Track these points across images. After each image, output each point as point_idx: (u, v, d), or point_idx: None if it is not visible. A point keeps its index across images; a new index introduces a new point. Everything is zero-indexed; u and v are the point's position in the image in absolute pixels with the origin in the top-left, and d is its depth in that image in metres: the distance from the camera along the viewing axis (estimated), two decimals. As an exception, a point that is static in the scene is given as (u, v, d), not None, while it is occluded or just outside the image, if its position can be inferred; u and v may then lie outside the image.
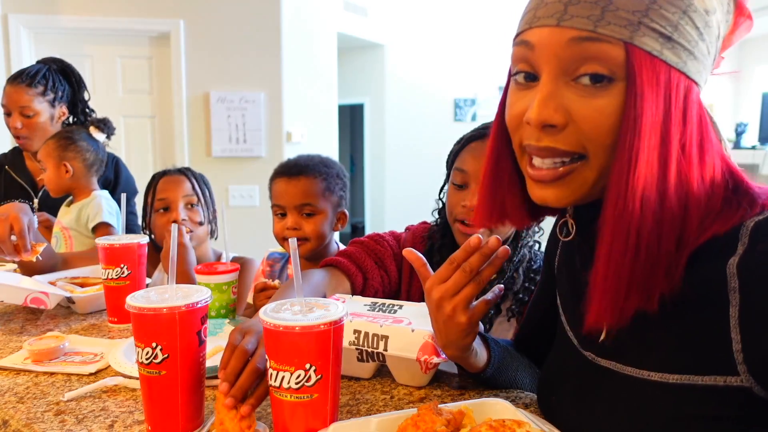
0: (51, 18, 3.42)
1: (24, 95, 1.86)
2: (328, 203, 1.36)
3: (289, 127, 3.79)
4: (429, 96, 6.55)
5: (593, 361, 0.66)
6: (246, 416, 0.70)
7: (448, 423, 0.64)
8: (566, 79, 0.56)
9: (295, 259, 0.72)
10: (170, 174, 1.57)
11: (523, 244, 1.16)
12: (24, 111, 1.87)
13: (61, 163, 1.78)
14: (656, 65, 0.54)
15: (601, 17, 0.53)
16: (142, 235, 1.26)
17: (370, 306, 1.00)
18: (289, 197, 1.33)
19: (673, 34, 0.54)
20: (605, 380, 0.64)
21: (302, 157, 1.39)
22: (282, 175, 1.36)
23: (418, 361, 0.86)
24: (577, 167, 0.59)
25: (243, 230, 3.49)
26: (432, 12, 6.38)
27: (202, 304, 0.73)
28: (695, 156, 0.56)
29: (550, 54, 0.56)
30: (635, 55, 0.53)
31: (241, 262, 1.46)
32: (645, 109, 0.53)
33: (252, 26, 3.62)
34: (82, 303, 1.31)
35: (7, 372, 0.97)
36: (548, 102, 0.56)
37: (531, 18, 0.58)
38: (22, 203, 1.40)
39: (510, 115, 0.63)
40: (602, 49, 0.54)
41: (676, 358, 0.57)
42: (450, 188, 1.16)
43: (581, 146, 0.57)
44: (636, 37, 0.53)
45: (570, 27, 0.55)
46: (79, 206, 1.80)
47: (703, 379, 0.55)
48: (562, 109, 0.56)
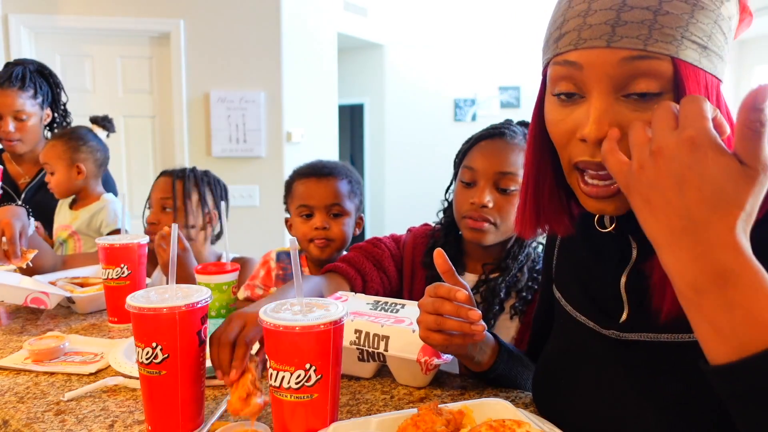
0: (51, 18, 3.42)
1: (17, 99, 1.85)
2: (353, 205, 1.36)
3: (289, 127, 3.79)
4: (429, 96, 6.55)
5: (618, 338, 0.68)
6: (236, 381, 0.72)
7: (448, 423, 0.64)
8: (617, 96, 0.59)
9: (295, 260, 0.72)
10: (165, 174, 1.59)
11: (528, 243, 1.16)
12: (18, 115, 1.86)
13: (74, 165, 1.77)
14: (698, 74, 0.57)
15: (649, 36, 0.56)
16: (142, 235, 1.26)
17: (373, 305, 1.01)
18: (320, 197, 1.32)
19: (708, 43, 0.58)
20: (635, 354, 0.66)
21: (325, 161, 1.39)
22: (310, 176, 1.34)
23: (419, 362, 0.86)
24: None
25: (243, 230, 3.49)
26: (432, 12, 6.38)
27: (202, 304, 0.73)
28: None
29: (602, 74, 0.59)
30: (681, 68, 0.57)
31: (241, 263, 1.46)
32: None
33: (252, 26, 3.62)
34: (82, 303, 1.31)
35: (7, 372, 0.97)
36: (603, 119, 0.59)
37: (575, 39, 0.60)
38: (19, 207, 1.39)
39: (557, 133, 0.65)
40: (652, 66, 0.57)
41: None
42: (458, 186, 1.16)
43: None
44: (680, 51, 0.57)
45: (621, 48, 0.57)
46: (90, 211, 1.79)
47: None
48: (617, 124, 0.58)
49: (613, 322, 0.69)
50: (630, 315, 0.68)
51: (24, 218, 1.36)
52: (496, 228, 1.11)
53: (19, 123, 1.87)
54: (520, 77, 6.42)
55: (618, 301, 0.69)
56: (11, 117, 1.86)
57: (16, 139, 1.88)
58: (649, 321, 0.65)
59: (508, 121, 1.21)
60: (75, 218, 1.80)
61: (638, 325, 0.67)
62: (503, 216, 1.10)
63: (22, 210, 1.39)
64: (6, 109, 1.85)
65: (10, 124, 1.85)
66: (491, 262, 1.16)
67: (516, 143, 1.13)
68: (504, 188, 1.10)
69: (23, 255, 1.32)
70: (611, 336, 0.69)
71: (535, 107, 0.69)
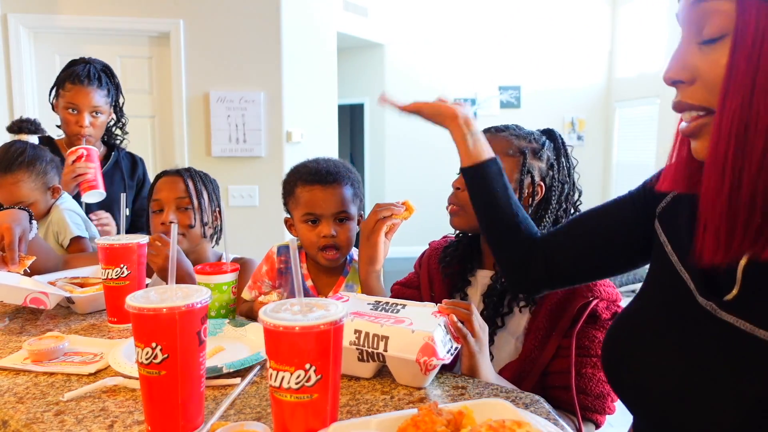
0: (51, 18, 3.42)
1: (96, 95, 1.94)
2: (356, 208, 1.36)
3: (289, 126, 3.79)
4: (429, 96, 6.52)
5: (714, 313, 0.66)
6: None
7: (448, 423, 0.64)
8: (696, 40, 0.62)
9: (295, 260, 0.72)
10: (168, 174, 1.55)
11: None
12: (95, 110, 1.94)
13: (47, 188, 1.73)
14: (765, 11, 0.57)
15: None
16: (142, 235, 1.25)
17: (373, 305, 1.00)
18: (327, 205, 1.31)
19: None
20: (729, 337, 0.64)
21: (327, 163, 1.36)
22: (315, 183, 1.32)
23: (418, 362, 0.86)
24: (708, 121, 0.62)
25: (243, 230, 3.49)
26: (432, 12, 6.38)
27: (202, 304, 0.73)
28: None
29: (685, 18, 0.64)
30: (743, 7, 0.58)
31: (241, 263, 1.46)
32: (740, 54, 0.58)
33: (252, 26, 3.62)
34: (81, 303, 1.31)
35: (6, 372, 0.97)
36: (676, 60, 0.63)
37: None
38: (20, 211, 1.38)
39: None
40: (716, 7, 0.59)
41: None
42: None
43: (707, 101, 0.62)
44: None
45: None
46: (44, 223, 1.73)
47: None
48: (689, 66, 0.62)
49: (715, 296, 0.66)
50: (738, 295, 0.64)
51: (25, 223, 1.35)
52: (465, 212, 1.16)
53: (93, 119, 1.94)
54: (520, 77, 6.43)
55: (731, 276, 0.65)
56: (88, 112, 1.92)
57: (89, 134, 1.94)
58: (754, 309, 0.62)
59: (515, 125, 1.24)
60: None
61: (740, 309, 0.63)
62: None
63: (23, 214, 1.38)
64: (85, 105, 1.91)
65: (86, 118, 1.92)
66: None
67: (501, 135, 1.19)
68: None
69: (21, 261, 1.30)
70: (707, 308, 0.67)
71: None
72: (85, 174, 1.79)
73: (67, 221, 1.73)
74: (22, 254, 1.32)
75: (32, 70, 3.48)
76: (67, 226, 1.73)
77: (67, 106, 1.92)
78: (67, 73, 1.94)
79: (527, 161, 1.16)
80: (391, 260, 1.52)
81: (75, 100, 1.91)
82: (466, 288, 1.23)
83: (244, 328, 1.13)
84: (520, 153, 1.16)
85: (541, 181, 1.18)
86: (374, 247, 1.19)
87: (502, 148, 1.16)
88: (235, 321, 1.18)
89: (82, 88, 1.91)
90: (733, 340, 0.63)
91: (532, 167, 1.17)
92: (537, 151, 1.18)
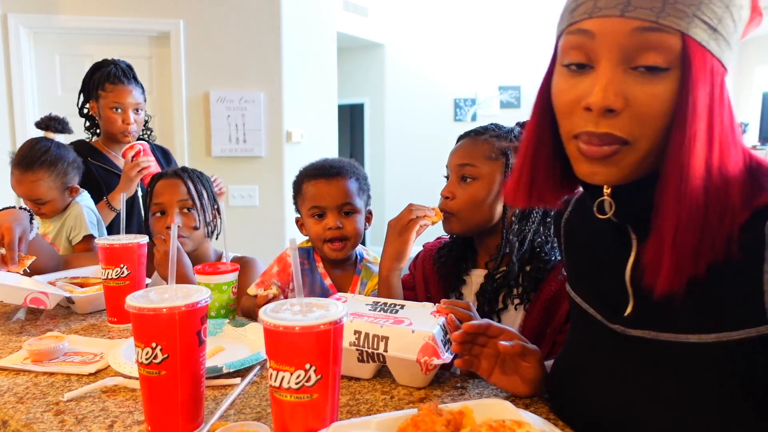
0: (51, 18, 3.42)
1: (136, 93, 2.02)
2: (362, 202, 1.38)
3: (289, 127, 3.78)
4: (429, 96, 6.55)
5: (622, 332, 0.70)
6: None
7: (448, 423, 0.64)
8: (625, 67, 0.60)
9: (295, 260, 0.72)
10: (167, 177, 1.54)
11: (510, 231, 1.16)
12: (137, 107, 2.02)
13: (66, 188, 1.77)
14: (705, 55, 0.58)
15: (662, 9, 0.58)
16: (142, 235, 1.25)
17: (372, 305, 1.00)
18: (331, 197, 1.33)
19: (718, 26, 0.59)
20: (639, 349, 0.68)
21: (332, 160, 1.40)
22: (319, 177, 1.35)
23: (418, 363, 0.86)
24: (623, 150, 0.62)
25: (243, 230, 3.49)
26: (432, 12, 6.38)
27: (202, 304, 0.73)
28: (729, 134, 0.61)
29: (613, 42, 0.60)
30: (690, 46, 0.58)
31: (242, 263, 1.45)
32: (698, 95, 0.58)
33: (252, 26, 3.62)
34: (81, 303, 1.31)
35: (6, 372, 0.97)
36: (609, 87, 0.60)
37: (591, 8, 0.61)
38: (21, 211, 1.37)
39: (563, 101, 0.66)
40: (662, 39, 0.58)
41: (711, 318, 0.62)
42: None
43: (631, 134, 0.61)
44: (691, 28, 0.58)
45: (634, 18, 0.58)
46: (61, 218, 1.76)
47: (738, 334, 0.60)
48: (622, 94, 0.60)
49: (619, 316, 0.70)
50: (635, 308, 0.68)
51: (25, 223, 1.34)
52: (457, 218, 1.17)
53: (136, 115, 2.02)
54: (520, 77, 6.42)
55: (624, 293, 0.70)
56: (132, 109, 2.00)
57: (133, 131, 2.01)
58: (654, 317, 0.66)
59: (494, 124, 1.24)
60: (47, 227, 1.77)
61: (642, 321, 0.68)
62: (460, 204, 1.17)
63: (24, 214, 1.37)
64: (129, 103, 1.99)
65: (131, 116, 2.00)
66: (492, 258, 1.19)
67: (482, 138, 1.19)
68: (464, 177, 1.17)
69: (21, 261, 1.30)
70: (617, 330, 0.70)
71: (543, 80, 0.70)
72: (148, 167, 1.90)
73: (85, 218, 1.76)
74: (22, 254, 1.31)
75: (32, 70, 3.48)
76: (84, 222, 1.75)
77: (111, 106, 1.98)
78: (101, 75, 2.00)
79: (510, 162, 1.15)
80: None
81: (119, 99, 1.98)
82: (461, 287, 1.23)
83: (244, 328, 1.13)
84: (502, 154, 1.16)
85: None
86: (406, 243, 1.18)
87: (483, 153, 1.16)
88: (235, 321, 1.18)
89: (123, 87, 1.99)
90: (645, 352, 0.67)
91: None
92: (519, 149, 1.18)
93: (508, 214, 1.17)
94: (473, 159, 1.17)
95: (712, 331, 0.61)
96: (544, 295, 1.11)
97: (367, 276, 1.39)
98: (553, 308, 1.09)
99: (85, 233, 1.74)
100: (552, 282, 1.11)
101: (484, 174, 1.15)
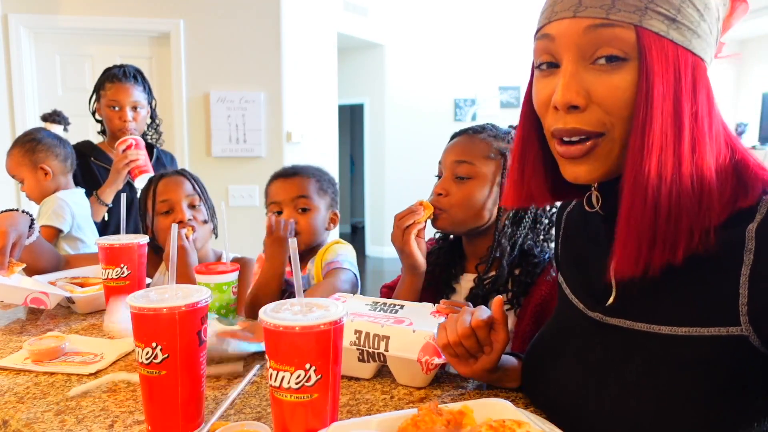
0: (51, 18, 3.43)
1: (135, 91, 2.03)
2: (322, 201, 1.42)
3: (289, 127, 3.79)
4: (429, 96, 6.55)
5: (601, 321, 0.72)
6: None
7: (448, 423, 0.64)
8: (585, 64, 0.63)
9: (295, 260, 0.72)
10: (168, 176, 1.56)
11: (502, 234, 1.16)
12: (135, 105, 2.03)
13: (37, 167, 1.82)
14: (664, 44, 0.60)
15: (612, 5, 0.61)
16: (142, 235, 1.25)
17: (372, 305, 1.00)
18: (285, 192, 1.40)
19: (676, 16, 0.61)
20: (613, 337, 0.70)
21: (297, 165, 1.49)
22: (278, 177, 1.44)
23: (419, 362, 0.86)
24: (600, 142, 0.65)
25: (243, 230, 3.49)
26: (432, 12, 6.38)
27: (202, 304, 0.73)
28: (706, 123, 0.62)
29: (570, 42, 0.63)
30: (644, 36, 0.60)
31: (242, 263, 1.46)
32: (655, 82, 0.60)
33: (252, 26, 3.62)
34: (82, 303, 1.31)
35: (7, 372, 0.97)
36: (571, 85, 0.63)
37: (550, 13, 0.66)
38: (21, 214, 1.36)
39: (538, 102, 0.69)
40: (615, 33, 0.61)
41: (686, 313, 0.64)
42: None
43: (602, 124, 0.64)
44: (644, 20, 0.60)
45: (585, 17, 0.62)
46: (42, 203, 1.82)
47: (708, 330, 0.62)
48: (584, 90, 0.63)
49: (600, 306, 0.72)
50: (617, 300, 0.70)
51: (22, 227, 1.32)
52: (448, 215, 1.16)
53: (134, 113, 2.03)
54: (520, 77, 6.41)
55: (609, 285, 0.71)
56: (129, 107, 2.01)
57: (132, 128, 2.02)
58: (633, 308, 0.68)
59: (490, 124, 1.24)
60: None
61: (621, 311, 0.69)
62: (453, 202, 1.15)
63: (23, 218, 1.35)
64: (125, 100, 2.00)
65: (129, 113, 2.01)
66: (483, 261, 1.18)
67: (479, 137, 1.18)
68: (459, 176, 1.16)
69: (10, 267, 1.28)
70: (595, 318, 0.73)
71: (528, 84, 0.73)
72: (137, 160, 1.89)
73: (52, 208, 1.78)
74: (13, 260, 1.29)
75: (32, 70, 3.48)
76: (47, 213, 1.78)
77: (109, 104, 2.01)
78: (105, 76, 2.04)
79: (508, 163, 1.15)
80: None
81: (116, 96, 2.00)
82: (450, 295, 1.23)
83: (232, 327, 1.11)
84: (500, 155, 1.16)
85: None
86: (411, 256, 1.16)
87: (481, 152, 1.16)
88: (226, 320, 1.15)
89: (121, 85, 2.01)
90: (619, 340, 0.69)
91: None
92: None
93: (502, 217, 1.16)
94: (471, 157, 1.16)
95: (684, 325, 0.63)
96: (534, 299, 1.10)
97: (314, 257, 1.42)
98: (544, 312, 1.09)
99: (43, 222, 1.76)
100: (542, 285, 1.11)
101: (480, 173, 1.15)
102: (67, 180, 1.89)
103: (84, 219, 1.86)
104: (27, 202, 1.93)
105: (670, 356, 0.64)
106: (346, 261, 1.38)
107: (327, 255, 1.40)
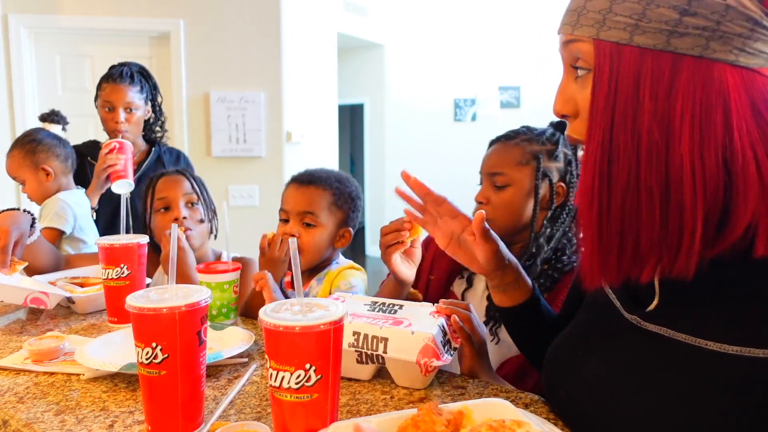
0: (51, 18, 3.43)
1: (129, 92, 2.00)
2: (333, 218, 1.32)
3: (289, 127, 3.79)
4: (429, 96, 6.55)
5: (639, 325, 0.69)
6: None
7: (448, 423, 0.64)
8: (573, 77, 0.67)
9: (295, 260, 0.72)
10: (168, 174, 1.57)
11: (542, 234, 1.17)
12: (129, 106, 2.00)
13: (39, 168, 1.82)
14: (623, 52, 0.60)
15: (576, 22, 0.64)
16: (142, 235, 1.25)
17: (371, 306, 1.00)
18: (295, 203, 1.31)
19: (640, 20, 0.59)
20: (650, 343, 0.67)
21: (320, 169, 1.37)
22: (294, 182, 1.34)
23: (418, 364, 0.85)
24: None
25: (243, 230, 3.48)
26: (432, 12, 6.38)
27: (202, 304, 0.73)
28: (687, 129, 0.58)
29: (561, 56, 0.69)
30: (599, 48, 0.62)
31: (242, 263, 1.46)
32: (599, 93, 0.62)
33: (252, 26, 3.62)
34: (82, 303, 1.31)
35: (7, 372, 0.97)
36: (560, 96, 0.69)
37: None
38: (22, 213, 1.36)
39: None
40: (579, 48, 0.64)
41: (738, 330, 0.59)
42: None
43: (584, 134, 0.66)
44: (602, 32, 0.62)
45: (561, 33, 0.67)
46: (43, 204, 1.82)
47: (764, 352, 0.57)
48: (571, 100, 0.67)
49: (639, 309, 0.70)
50: (659, 306, 0.68)
51: (23, 226, 1.32)
52: (493, 224, 1.12)
53: (128, 114, 2.01)
54: (520, 77, 6.42)
55: (651, 289, 0.68)
56: (122, 108, 1.98)
57: (125, 130, 2.00)
58: (676, 317, 0.65)
59: (525, 126, 1.24)
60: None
61: (663, 318, 0.66)
62: (495, 210, 1.17)
63: (25, 217, 1.35)
64: (118, 102, 1.98)
65: (121, 114, 1.98)
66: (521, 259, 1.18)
67: (512, 143, 1.19)
68: (497, 185, 1.19)
69: (12, 265, 1.28)
70: (632, 321, 0.70)
71: None
72: (114, 165, 1.84)
73: (54, 209, 1.79)
74: (15, 258, 1.29)
75: (32, 70, 3.48)
76: (49, 214, 1.78)
77: (103, 105, 2.00)
78: (103, 76, 2.03)
79: (542, 165, 1.15)
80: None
81: (109, 97, 1.99)
82: (465, 292, 1.23)
83: (221, 331, 1.10)
84: (534, 159, 1.16)
85: (560, 181, 1.18)
86: (393, 272, 1.12)
87: (513, 159, 1.16)
88: (215, 325, 1.13)
89: (115, 85, 1.99)
90: (657, 348, 0.66)
91: (548, 170, 1.16)
92: (552, 153, 1.17)
93: (539, 217, 1.16)
94: (503, 167, 1.18)
95: (736, 344, 0.59)
96: (558, 301, 1.10)
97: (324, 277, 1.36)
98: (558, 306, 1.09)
99: (46, 224, 1.76)
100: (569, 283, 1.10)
101: (516, 179, 1.16)
102: (68, 180, 1.90)
103: (85, 219, 1.86)
104: (28, 203, 1.93)
105: (716, 374, 0.60)
106: (360, 293, 1.32)
107: (338, 281, 1.33)
